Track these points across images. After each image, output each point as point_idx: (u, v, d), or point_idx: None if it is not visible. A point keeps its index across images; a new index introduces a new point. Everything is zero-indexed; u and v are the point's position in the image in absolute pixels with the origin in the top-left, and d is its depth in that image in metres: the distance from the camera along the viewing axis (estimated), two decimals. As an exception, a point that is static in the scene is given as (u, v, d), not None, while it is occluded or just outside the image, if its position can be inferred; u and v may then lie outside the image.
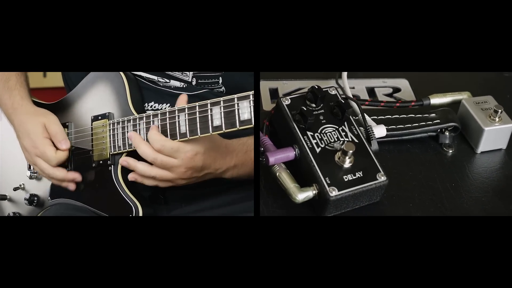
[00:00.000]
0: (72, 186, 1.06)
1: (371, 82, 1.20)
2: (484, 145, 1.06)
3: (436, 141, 1.07)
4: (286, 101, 0.98)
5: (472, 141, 1.07)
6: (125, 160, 1.00)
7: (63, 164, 1.06)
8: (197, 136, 0.94)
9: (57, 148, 1.05)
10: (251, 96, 0.90)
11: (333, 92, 1.01)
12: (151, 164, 0.97)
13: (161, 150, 0.95)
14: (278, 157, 0.95)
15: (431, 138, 1.08)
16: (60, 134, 1.05)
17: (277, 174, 0.94)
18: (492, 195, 1.00)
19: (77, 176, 1.06)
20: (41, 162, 1.05)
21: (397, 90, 1.19)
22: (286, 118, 0.97)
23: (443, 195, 0.99)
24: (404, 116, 1.07)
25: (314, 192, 0.92)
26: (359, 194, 0.92)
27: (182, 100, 0.98)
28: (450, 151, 1.06)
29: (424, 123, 1.06)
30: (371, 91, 1.19)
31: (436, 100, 1.12)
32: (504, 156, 1.07)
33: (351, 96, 1.07)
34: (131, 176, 0.99)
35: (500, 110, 1.04)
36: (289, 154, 0.95)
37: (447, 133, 1.07)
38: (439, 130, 1.07)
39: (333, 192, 0.90)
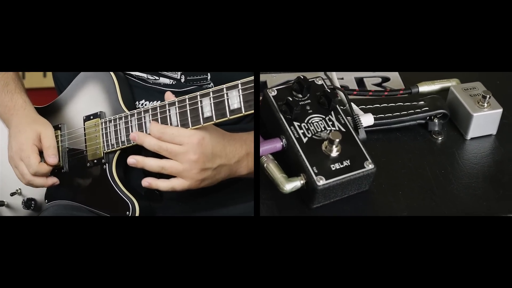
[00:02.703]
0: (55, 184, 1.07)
1: (360, 73, 1.18)
2: (473, 131, 1.03)
3: (426, 128, 1.05)
4: (273, 93, 0.96)
5: (461, 128, 1.05)
6: (133, 158, 0.97)
7: (56, 166, 1.05)
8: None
9: (41, 160, 1.04)
10: (239, 85, 0.89)
11: (320, 82, 0.99)
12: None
13: (161, 137, 0.93)
14: (265, 148, 0.93)
15: (420, 126, 1.05)
16: (52, 148, 1.04)
17: (265, 165, 0.92)
18: (482, 180, 0.98)
19: (55, 181, 1.06)
20: (23, 166, 1.04)
21: (386, 79, 1.17)
22: (273, 109, 0.94)
23: (433, 182, 0.97)
24: (392, 104, 1.05)
25: (301, 182, 0.90)
26: (347, 182, 0.90)
27: (170, 97, 0.96)
28: (440, 138, 1.04)
29: (413, 111, 1.04)
30: (360, 81, 1.17)
31: (425, 87, 1.09)
32: (494, 141, 1.04)
33: (338, 86, 1.06)
34: (144, 182, 0.97)
35: (488, 96, 1.02)
36: (276, 145, 0.93)
37: (436, 120, 1.05)
38: (428, 118, 1.05)
39: (321, 181, 0.88)
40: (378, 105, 1.05)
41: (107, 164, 1.02)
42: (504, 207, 0.94)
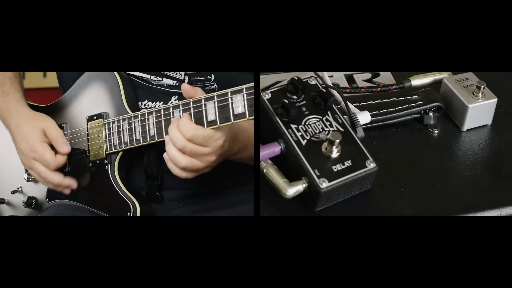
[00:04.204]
0: (67, 191, 1.03)
1: (349, 69, 1.16)
2: (469, 123, 1.02)
3: (421, 122, 1.03)
4: (267, 96, 0.94)
5: (457, 120, 1.03)
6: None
7: (61, 168, 1.03)
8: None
9: (55, 152, 1.02)
10: (244, 89, 0.87)
11: (313, 82, 0.96)
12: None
13: (192, 139, 0.89)
14: (264, 153, 0.90)
15: (415, 120, 1.03)
16: (60, 138, 1.03)
17: (265, 170, 0.89)
18: (483, 171, 0.96)
19: (73, 182, 1.03)
20: (38, 165, 1.02)
21: (376, 75, 1.15)
22: (268, 113, 0.92)
23: (434, 176, 0.95)
24: (386, 100, 1.02)
25: (304, 185, 0.87)
26: (350, 183, 0.87)
27: (187, 89, 0.93)
28: (436, 131, 1.02)
29: (407, 105, 1.02)
30: (349, 77, 1.15)
31: (417, 81, 1.07)
32: (490, 131, 1.03)
33: (331, 85, 1.04)
34: (165, 156, 0.92)
35: (482, 86, 1.00)
36: (275, 149, 0.90)
37: (431, 114, 1.03)
38: (423, 112, 1.03)
39: (324, 184, 0.86)
40: (372, 102, 1.02)
41: (109, 165, 1.01)
42: (508, 197, 0.92)
